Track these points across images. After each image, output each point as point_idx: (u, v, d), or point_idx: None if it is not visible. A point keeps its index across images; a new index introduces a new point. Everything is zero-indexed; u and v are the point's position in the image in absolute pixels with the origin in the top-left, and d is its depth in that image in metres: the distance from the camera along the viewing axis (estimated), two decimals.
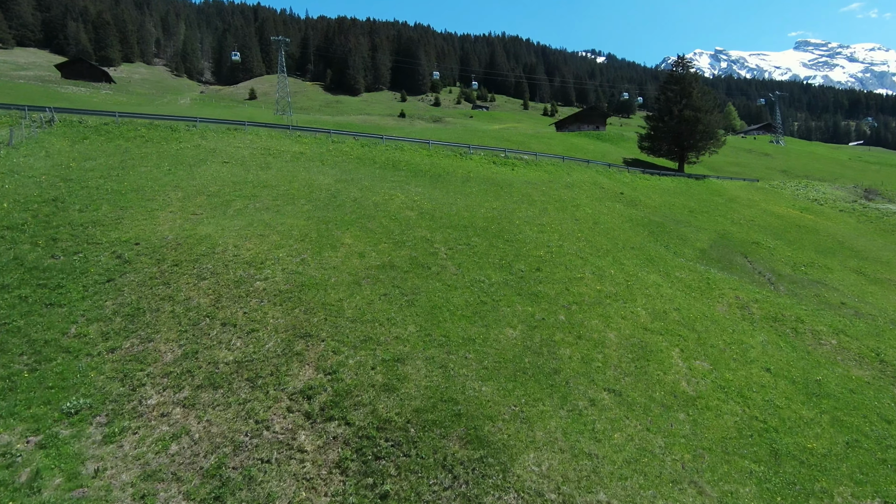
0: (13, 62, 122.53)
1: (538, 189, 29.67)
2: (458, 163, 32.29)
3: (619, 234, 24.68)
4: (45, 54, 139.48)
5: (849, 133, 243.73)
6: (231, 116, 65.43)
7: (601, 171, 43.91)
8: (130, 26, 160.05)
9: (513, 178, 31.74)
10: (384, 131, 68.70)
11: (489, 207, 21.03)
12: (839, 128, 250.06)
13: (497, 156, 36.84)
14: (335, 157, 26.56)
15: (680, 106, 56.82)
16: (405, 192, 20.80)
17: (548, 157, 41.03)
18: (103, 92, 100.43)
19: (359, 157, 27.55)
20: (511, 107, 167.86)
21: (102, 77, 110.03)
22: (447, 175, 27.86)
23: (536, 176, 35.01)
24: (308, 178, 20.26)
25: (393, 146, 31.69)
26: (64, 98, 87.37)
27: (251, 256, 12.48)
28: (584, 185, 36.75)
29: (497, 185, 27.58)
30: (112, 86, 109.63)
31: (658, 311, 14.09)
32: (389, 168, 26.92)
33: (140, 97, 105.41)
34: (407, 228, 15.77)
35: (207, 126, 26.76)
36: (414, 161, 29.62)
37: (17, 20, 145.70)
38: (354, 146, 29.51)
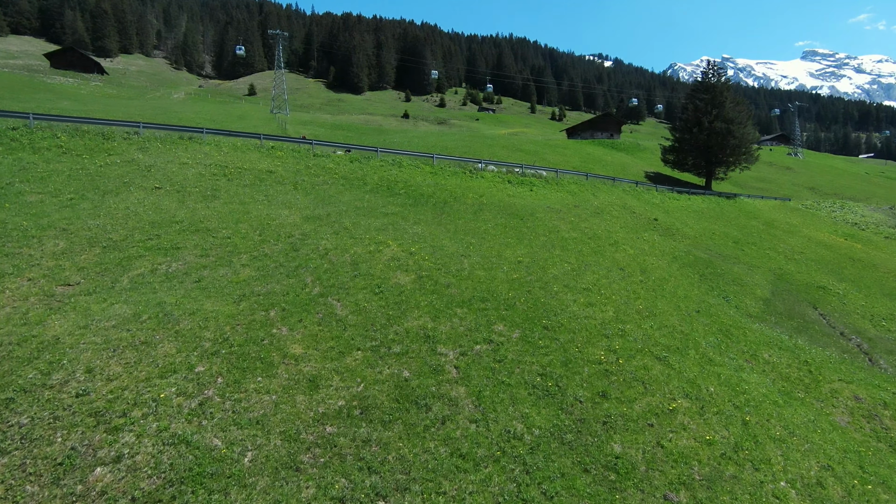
0: (4, 50, 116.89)
1: (565, 219, 23.94)
2: (468, 182, 26.57)
3: (673, 285, 18.98)
4: (40, 43, 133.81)
5: (859, 145, 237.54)
6: (221, 114, 59.71)
7: (628, 190, 38.18)
8: (130, 16, 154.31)
9: (533, 203, 26.01)
10: (386, 133, 63.04)
11: (513, 258, 15.31)
12: (849, 140, 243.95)
13: (512, 172, 31.11)
14: (315, 176, 20.86)
15: (710, 117, 51.05)
16: (399, 235, 15.09)
17: (569, 175, 35.31)
18: (93, 83, 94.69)
19: (345, 177, 21.84)
20: (518, 110, 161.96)
21: (94, 68, 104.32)
22: (455, 201, 22.15)
23: (559, 198, 29.29)
24: (266, 215, 14.55)
25: (389, 161, 25.96)
26: (47, 89, 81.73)
27: (107, 398, 6.81)
28: (614, 210, 31.01)
29: (517, 216, 21.87)
30: (104, 77, 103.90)
31: (809, 478, 8.44)
32: (383, 192, 21.21)
33: (131, 90, 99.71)
34: (397, 314, 10.08)
35: (154, 134, 21.06)
36: (414, 181, 23.90)
37: (12, 7, 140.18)
38: (342, 161, 23.79)
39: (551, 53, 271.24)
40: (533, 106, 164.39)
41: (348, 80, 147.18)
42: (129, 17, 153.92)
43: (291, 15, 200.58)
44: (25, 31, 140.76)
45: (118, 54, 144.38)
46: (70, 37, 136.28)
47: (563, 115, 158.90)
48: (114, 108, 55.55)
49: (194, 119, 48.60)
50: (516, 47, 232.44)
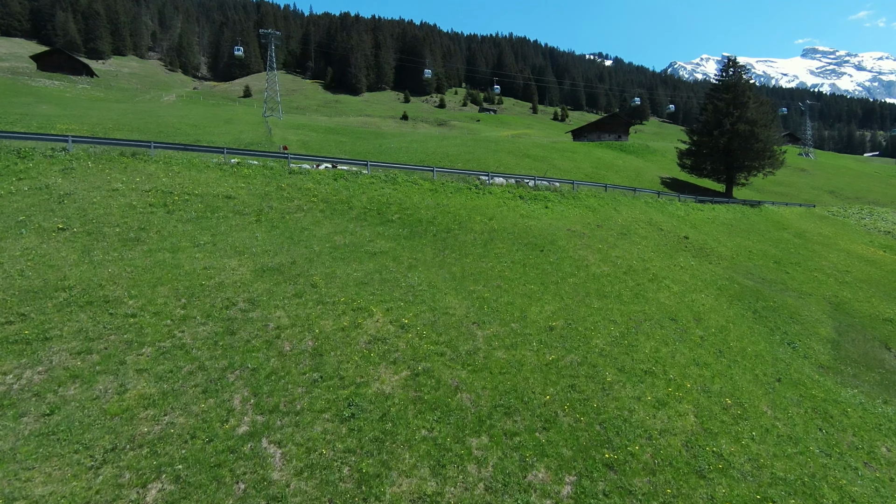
0: None
1: (591, 246, 19.85)
2: (475, 200, 22.50)
3: (736, 336, 14.94)
4: (31, 45, 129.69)
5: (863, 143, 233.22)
6: (208, 117, 55.64)
7: (650, 202, 34.08)
8: (123, 18, 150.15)
9: (551, 224, 21.93)
10: (383, 137, 58.94)
11: (542, 320, 11.27)
12: (854, 138, 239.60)
13: (524, 185, 27.02)
14: (287, 200, 16.80)
15: (732, 118, 46.89)
16: (388, 292, 11.06)
17: (586, 186, 31.20)
18: (80, 86, 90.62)
19: (327, 200, 17.77)
20: (519, 110, 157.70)
21: (83, 70, 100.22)
22: (460, 228, 18.09)
23: (579, 216, 25.21)
24: (203, 270, 10.50)
25: (382, 177, 21.86)
26: (30, 92, 77.69)
27: None
28: (640, 228, 26.93)
29: (536, 247, 17.81)
30: (93, 80, 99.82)
31: None
32: (372, 219, 17.16)
33: (121, 93, 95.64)
34: (376, 467, 6.06)
35: (88, 150, 16.96)
36: (411, 202, 19.84)
37: (2, 8, 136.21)
38: (324, 179, 19.71)
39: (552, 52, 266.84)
40: (535, 106, 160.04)
41: (346, 81, 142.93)
42: (123, 18, 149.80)
43: (289, 15, 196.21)
44: (16, 32, 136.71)
45: (111, 56, 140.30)
46: (62, 38, 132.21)
47: (565, 115, 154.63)
48: (93, 112, 51.49)
49: (176, 124, 44.57)
50: (516, 47, 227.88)
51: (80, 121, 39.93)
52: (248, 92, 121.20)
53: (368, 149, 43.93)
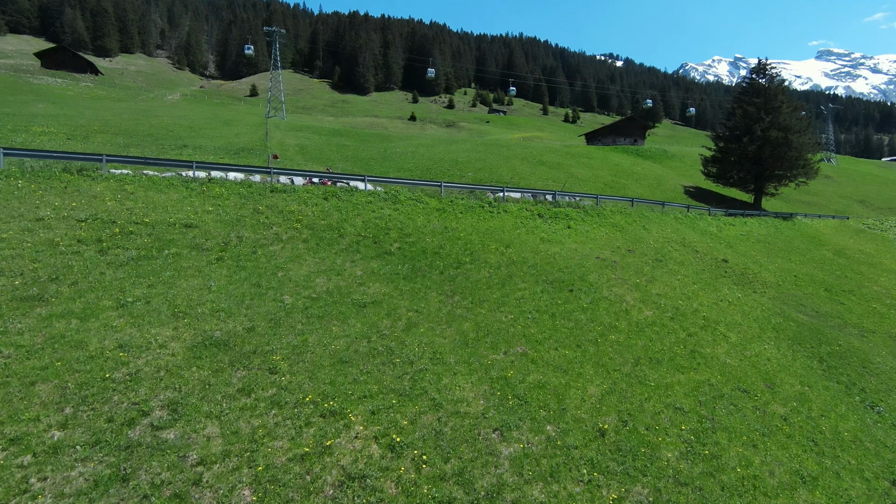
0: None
1: (627, 280, 16.62)
2: (488, 222, 19.35)
3: (819, 410, 11.71)
4: (39, 42, 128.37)
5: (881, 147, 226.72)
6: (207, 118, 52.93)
7: (680, 217, 30.71)
8: (131, 15, 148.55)
9: (577, 250, 18.73)
10: (389, 140, 55.87)
11: (589, 418, 8.13)
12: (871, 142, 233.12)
13: (542, 202, 23.81)
14: (263, 228, 13.78)
15: (763, 124, 43.28)
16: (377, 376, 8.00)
17: (611, 201, 27.91)
18: (82, 84, 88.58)
19: (312, 226, 14.72)
20: (530, 111, 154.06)
21: (87, 67, 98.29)
22: (473, 260, 14.96)
23: (606, 238, 21.97)
24: (116, 346, 7.46)
25: (382, 194, 18.74)
26: (30, 90, 75.66)
27: None
28: (676, 251, 23.63)
29: (564, 284, 14.65)
30: (97, 77, 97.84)
31: None
32: (366, 251, 14.08)
33: (124, 91, 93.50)
34: None
35: (24, 164, 14.04)
36: (414, 225, 16.74)
37: (11, 5, 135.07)
38: (312, 198, 16.65)
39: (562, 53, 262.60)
40: (545, 107, 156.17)
41: (354, 81, 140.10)
42: (132, 15, 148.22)
43: (298, 14, 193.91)
44: (25, 30, 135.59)
45: (118, 54, 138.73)
46: (69, 36, 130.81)
47: (576, 116, 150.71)
48: (87, 111, 48.96)
49: (170, 125, 41.85)
50: (527, 47, 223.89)
51: (68, 121, 37.33)
52: (254, 91, 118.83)
53: (372, 154, 40.93)
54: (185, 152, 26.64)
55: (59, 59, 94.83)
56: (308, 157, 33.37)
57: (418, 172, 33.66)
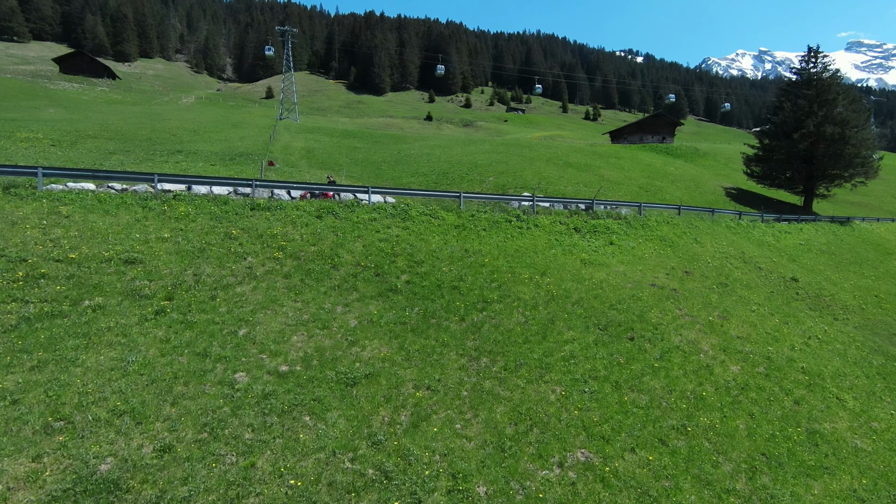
0: (21, 56, 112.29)
1: (699, 321, 13.01)
2: (517, 240, 15.94)
3: None
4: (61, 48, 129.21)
5: None
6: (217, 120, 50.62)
7: (732, 226, 26.74)
8: (150, 20, 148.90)
9: (629, 277, 15.18)
10: (403, 141, 52.72)
11: None
12: None
13: (577, 213, 20.23)
14: (234, 259, 10.68)
15: (817, 119, 38.71)
16: None
17: (654, 209, 24.16)
18: (98, 88, 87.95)
19: (298, 255, 11.56)
20: (549, 109, 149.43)
21: (104, 72, 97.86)
22: (501, 297, 11.60)
23: (657, 257, 18.33)
24: None
25: (389, 209, 15.46)
26: (46, 95, 74.98)
27: None
28: (738, 270, 19.85)
29: (620, 330, 11.21)
30: (114, 82, 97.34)
31: None
32: (365, 288, 10.88)
33: (140, 95, 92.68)
34: None
35: None
36: (428, 248, 13.47)
37: (35, 13, 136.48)
38: (303, 217, 13.48)
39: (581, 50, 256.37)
40: (565, 105, 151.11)
41: (370, 81, 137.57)
42: (151, 20, 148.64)
43: (314, 15, 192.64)
44: (48, 36, 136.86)
45: (137, 58, 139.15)
46: (90, 42, 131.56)
47: (597, 114, 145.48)
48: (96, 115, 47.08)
49: (174, 129, 39.47)
50: (545, 44, 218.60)
51: (68, 126, 35.13)
52: (269, 93, 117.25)
53: (384, 156, 37.83)
54: (175, 159, 23.90)
55: (76, 65, 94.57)
56: (313, 163, 30.39)
57: (433, 177, 30.39)
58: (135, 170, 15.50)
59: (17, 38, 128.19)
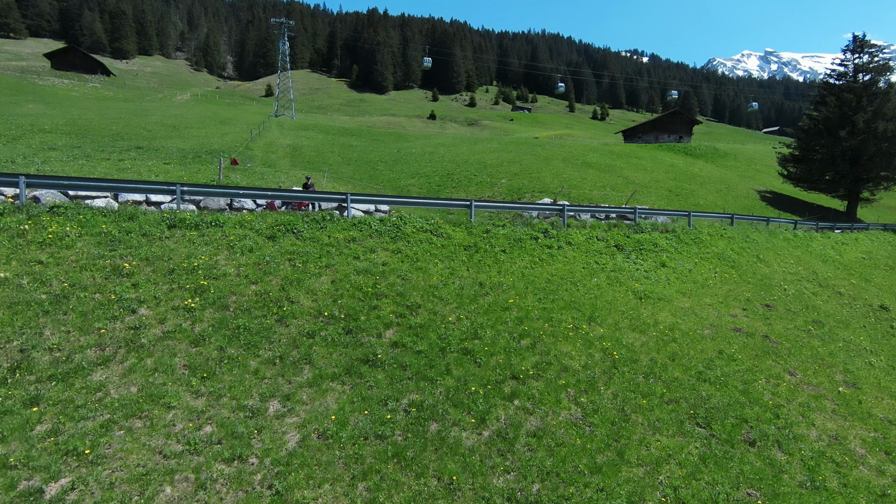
0: (14, 52, 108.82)
1: (824, 395, 8.81)
2: (547, 265, 11.77)
3: None
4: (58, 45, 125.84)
5: None
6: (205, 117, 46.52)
7: (789, 237, 22.42)
8: (150, 17, 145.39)
9: (698, 314, 10.99)
10: (405, 140, 48.52)
11: None
12: None
13: (617, 226, 15.97)
14: (123, 309, 6.67)
15: (866, 115, 34.34)
16: None
17: (705, 219, 19.89)
18: (89, 85, 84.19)
19: (223, 302, 7.42)
20: (555, 108, 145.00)
21: (97, 68, 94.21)
22: (539, 370, 7.44)
23: (722, 282, 14.11)
24: None
25: (373, 227, 11.28)
26: (32, 91, 71.19)
27: None
28: (818, 298, 15.62)
29: (721, 419, 7.06)
30: (107, 78, 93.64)
31: None
32: (324, 362, 6.78)
33: (133, 92, 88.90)
34: None
35: None
36: (427, 282, 9.34)
37: (32, 9, 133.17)
38: (248, 236, 9.35)
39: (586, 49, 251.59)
40: (572, 104, 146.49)
41: (372, 79, 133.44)
42: (150, 17, 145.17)
43: (317, 13, 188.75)
44: (45, 33, 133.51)
45: (136, 56, 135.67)
46: (88, 38, 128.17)
47: (605, 113, 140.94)
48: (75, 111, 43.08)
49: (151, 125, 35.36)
50: (550, 43, 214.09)
51: (35, 121, 31.09)
52: (269, 91, 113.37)
53: (382, 155, 33.69)
54: (127, 156, 19.80)
55: (69, 61, 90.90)
56: (297, 162, 26.25)
57: (436, 179, 26.22)
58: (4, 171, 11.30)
59: (13, 35, 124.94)
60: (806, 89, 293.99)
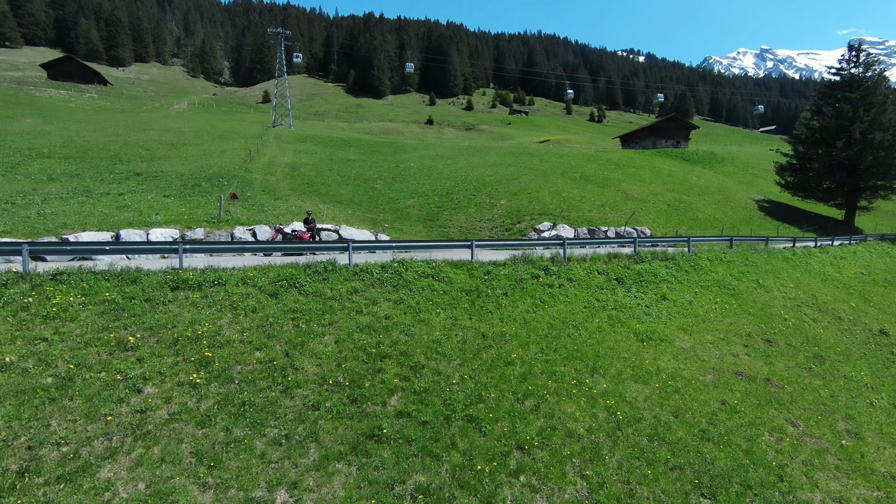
0: (10, 62, 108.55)
1: (826, 450, 8.79)
2: (548, 308, 11.77)
3: None
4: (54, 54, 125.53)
5: None
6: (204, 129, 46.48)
7: (789, 257, 22.48)
8: (146, 24, 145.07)
9: (699, 357, 11.03)
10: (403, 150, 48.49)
11: None
12: None
13: (617, 256, 15.98)
14: (129, 389, 6.72)
15: (863, 125, 34.47)
16: None
17: (704, 243, 19.93)
18: (86, 95, 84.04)
19: (228, 374, 7.48)
20: (552, 111, 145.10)
21: (94, 78, 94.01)
22: (544, 437, 7.46)
23: (722, 315, 14.15)
24: None
25: (374, 277, 11.27)
26: (29, 103, 71.00)
27: None
28: (819, 327, 15.68)
29: (726, 486, 7.10)
30: (104, 88, 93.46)
31: None
32: (331, 439, 6.87)
33: (131, 101, 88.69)
34: None
35: None
36: (429, 337, 9.36)
37: (28, 18, 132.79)
38: (251, 295, 9.31)
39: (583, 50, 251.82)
40: (569, 106, 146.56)
41: (369, 84, 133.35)
42: (146, 24, 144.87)
43: (313, 18, 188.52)
44: (41, 41, 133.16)
45: (132, 63, 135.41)
46: (84, 46, 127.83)
47: (602, 115, 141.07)
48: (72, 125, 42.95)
49: (149, 142, 35.26)
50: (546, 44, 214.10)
51: (34, 140, 31.02)
52: (266, 98, 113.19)
53: (381, 171, 33.69)
54: (128, 185, 19.79)
55: (65, 70, 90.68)
56: (297, 184, 26.25)
57: (436, 199, 26.24)
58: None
59: (8, 44, 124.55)
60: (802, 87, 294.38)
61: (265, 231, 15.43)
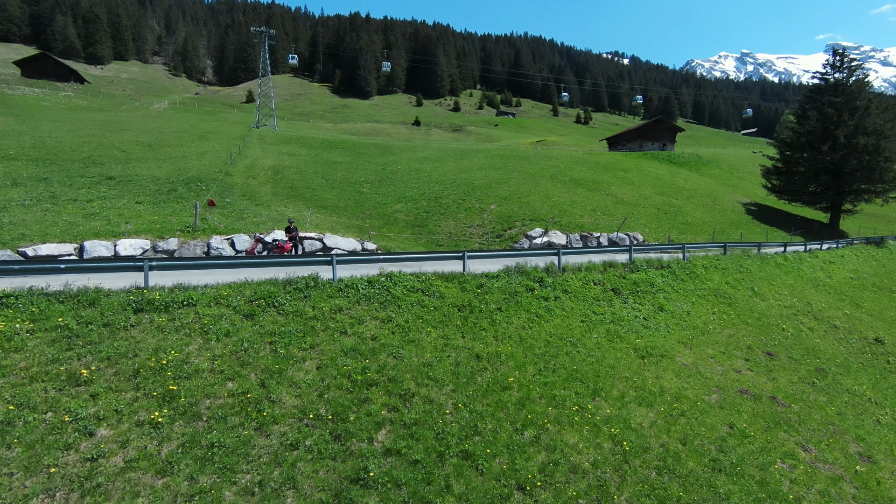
0: None
1: (840, 477, 8.44)
2: (545, 323, 11.17)
3: None
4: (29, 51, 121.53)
5: None
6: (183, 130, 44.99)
7: (781, 263, 22.30)
8: (125, 21, 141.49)
9: (702, 374, 10.52)
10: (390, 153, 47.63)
11: None
12: None
13: (612, 266, 15.47)
14: (78, 433, 5.97)
15: (847, 129, 34.72)
16: None
17: (699, 250, 19.56)
18: (62, 94, 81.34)
19: (195, 410, 6.72)
20: (539, 112, 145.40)
21: (70, 76, 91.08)
22: (547, 473, 6.83)
23: (720, 326, 13.73)
24: None
25: (360, 293, 10.53)
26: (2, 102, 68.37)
27: None
28: (817, 336, 15.37)
29: None
30: (81, 86, 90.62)
31: None
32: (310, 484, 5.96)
33: (109, 100, 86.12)
34: None
35: None
36: (420, 359, 8.67)
37: (1, 14, 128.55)
38: (224, 314, 8.53)
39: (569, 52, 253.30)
40: (555, 108, 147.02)
41: (355, 84, 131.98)
42: (125, 21, 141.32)
43: (298, 17, 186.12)
44: (15, 38, 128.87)
45: (111, 61, 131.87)
46: (61, 44, 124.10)
47: (588, 117, 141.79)
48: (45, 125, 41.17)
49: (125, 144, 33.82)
50: (533, 46, 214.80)
51: (4, 140, 29.43)
52: (250, 97, 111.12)
53: (367, 174, 32.83)
54: (97, 191, 18.68)
55: (40, 68, 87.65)
56: (280, 188, 25.29)
57: (424, 203, 25.52)
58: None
59: None
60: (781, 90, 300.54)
61: (244, 240, 14.55)
